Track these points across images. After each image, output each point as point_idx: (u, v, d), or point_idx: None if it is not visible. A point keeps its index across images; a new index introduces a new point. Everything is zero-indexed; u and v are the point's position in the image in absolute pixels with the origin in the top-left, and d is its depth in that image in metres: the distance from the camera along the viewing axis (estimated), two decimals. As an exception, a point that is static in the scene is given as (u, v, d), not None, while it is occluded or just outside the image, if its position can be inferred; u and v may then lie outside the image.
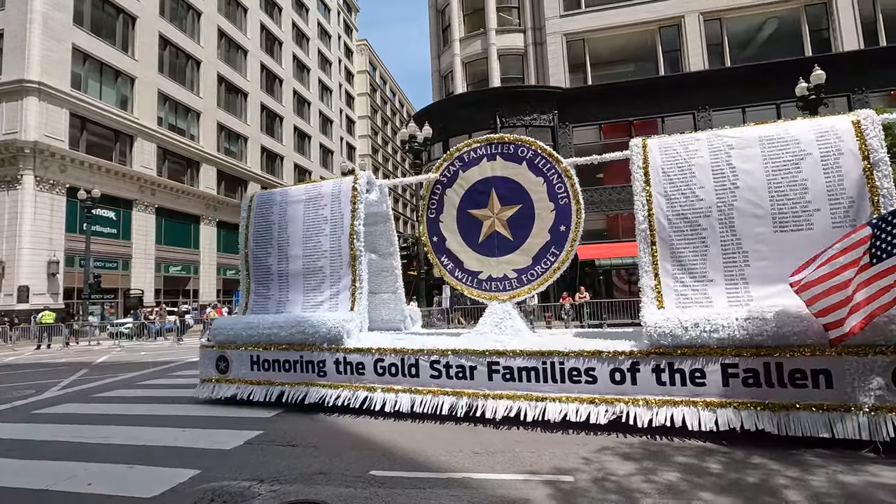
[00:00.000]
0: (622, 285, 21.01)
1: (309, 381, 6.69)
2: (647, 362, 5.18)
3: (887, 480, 3.70)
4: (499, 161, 7.34)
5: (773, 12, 21.48)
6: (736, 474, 3.93)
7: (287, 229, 7.68)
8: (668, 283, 5.56)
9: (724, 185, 5.55)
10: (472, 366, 5.94)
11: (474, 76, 25.35)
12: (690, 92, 20.78)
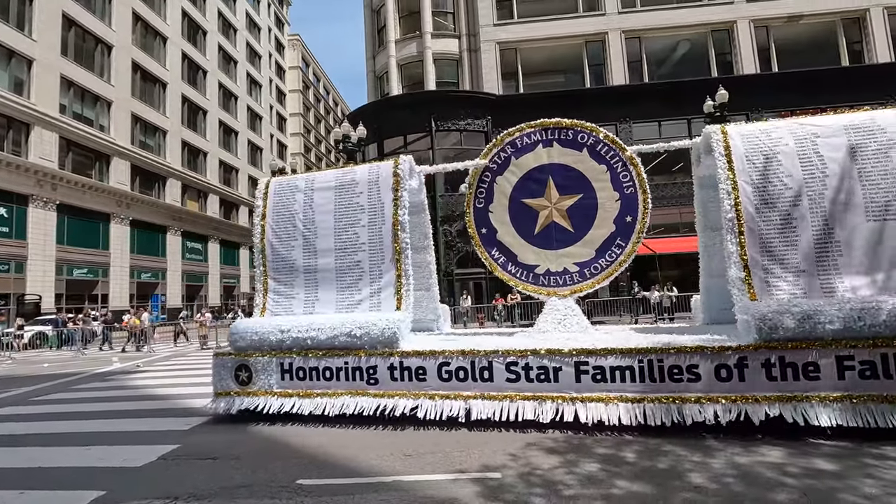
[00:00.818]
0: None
1: (357, 391, 5.89)
2: (756, 357, 4.88)
3: (773, 459, 4.14)
4: (556, 147, 7.00)
5: (685, 35, 23.38)
6: (649, 462, 4.23)
7: (315, 220, 6.88)
8: (758, 273, 5.34)
9: (812, 174, 5.44)
10: (557, 367, 5.43)
11: (410, 78, 25.37)
12: (614, 104, 22.09)
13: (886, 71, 20.69)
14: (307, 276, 6.79)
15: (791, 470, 3.90)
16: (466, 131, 22.58)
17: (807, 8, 22.09)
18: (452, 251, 21.88)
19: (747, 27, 22.33)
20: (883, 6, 21.74)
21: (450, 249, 21.92)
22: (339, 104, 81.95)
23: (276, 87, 57.73)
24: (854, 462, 3.99)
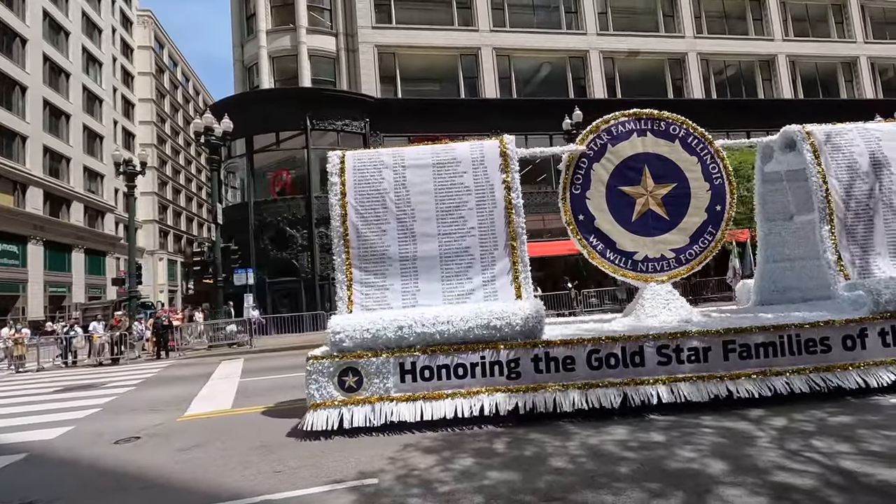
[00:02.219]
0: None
1: (494, 388, 5.41)
2: (875, 327, 5.58)
3: (619, 437, 4.71)
4: (650, 137, 7.08)
5: (547, 58, 25.77)
6: (517, 451, 4.53)
7: (411, 201, 6.18)
8: (846, 256, 6.27)
9: (881, 171, 6.57)
10: (707, 347, 5.53)
11: (283, 72, 24.08)
12: (487, 115, 23.42)
13: (699, 105, 25.03)
14: (403, 264, 6.15)
15: (632, 444, 4.47)
16: (344, 132, 22.12)
17: (643, 47, 25.79)
18: (329, 255, 21.22)
19: (598, 57, 25.33)
20: (696, 52, 26.27)
21: (326, 253, 21.22)
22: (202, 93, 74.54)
23: (121, 66, 50.49)
24: (677, 432, 4.71)
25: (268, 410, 7.00)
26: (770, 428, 4.67)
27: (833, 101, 26.74)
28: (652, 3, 27.01)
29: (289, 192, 22.22)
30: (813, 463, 3.79)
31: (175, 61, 66.01)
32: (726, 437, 4.50)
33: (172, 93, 63.54)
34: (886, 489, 3.29)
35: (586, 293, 19.79)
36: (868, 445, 4.06)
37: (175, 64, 65.97)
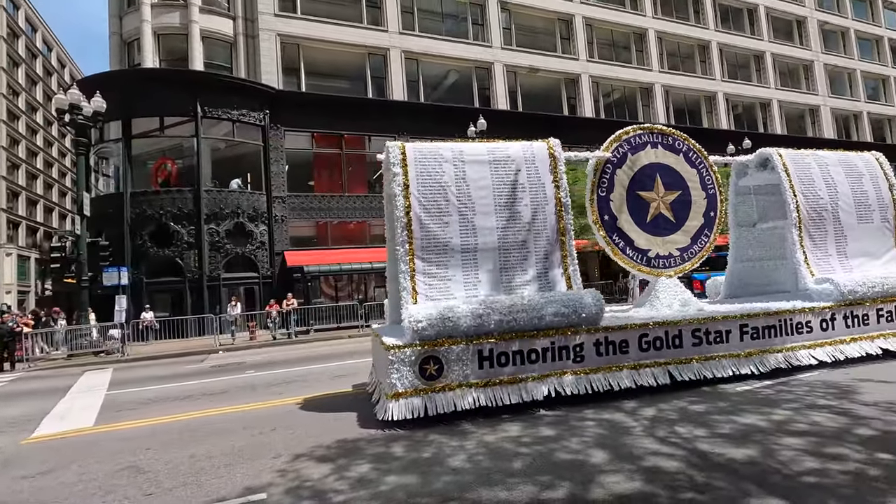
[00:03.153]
0: (329, 291, 21.67)
1: (561, 371, 5.87)
2: (840, 312, 7.20)
3: (513, 434, 4.90)
4: (660, 150, 8.01)
5: (454, 66, 26.36)
6: (416, 454, 4.51)
7: (471, 195, 6.44)
8: (811, 257, 7.84)
9: (832, 190, 8.35)
10: (728, 330, 6.55)
11: (170, 52, 21.89)
12: (394, 117, 23.32)
13: (590, 123, 27.19)
14: (465, 255, 6.34)
15: (525, 440, 4.67)
16: (240, 122, 20.67)
17: (542, 64, 27.45)
18: (220, 253, 19.66)
19: (501, 70, 26.46)
20: (589, 74, 28.58)
21: (216, 251, 19.65)
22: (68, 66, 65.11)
23: (-41, 25, 42.38)
24: (565, 426, 5.02)
25: (140, 427, 6.25)
26: (643, 418, 5.15)
27: (697, 128, 30.64)
28: (551, 25, 28.87)
29: (174, 183, 20.20)
30: (677, 447, 4.25)
31: (34, 26, 57.00)
32: (606, 428, 4.88)
33: (30, 63, 54.79)
34: (733, 465, 3.79)
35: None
36: (719, 429, 4.65)
37: (34, 29, 56.97)
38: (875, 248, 8.44)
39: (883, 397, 5.29)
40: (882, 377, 6.16)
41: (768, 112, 34.45)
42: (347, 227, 22.69)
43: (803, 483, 3.42)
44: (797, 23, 37.10)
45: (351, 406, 6.48)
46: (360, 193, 22.76)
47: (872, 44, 40.77)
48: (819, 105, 36.44)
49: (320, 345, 15.01)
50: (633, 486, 3.53)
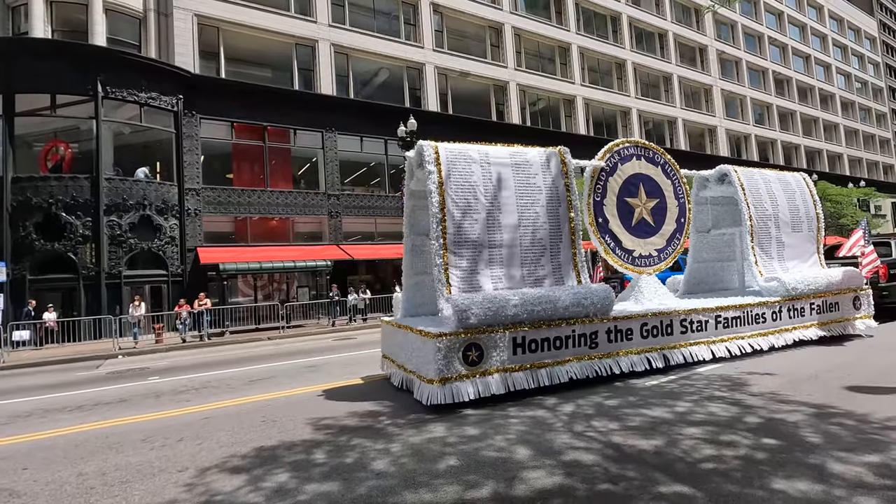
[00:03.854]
0: (248, 291, 20.52)
1: (578, 356, 6.59)
2: (785, 306, 8.57)
3: (438, 434, 4.88)
4: (643, 161, 8.91)
5: (385, 64, 26.08)
6: (338, 459, 4.34)
7: (497, 195, 6.92)
8: (760, 260, 9.15)
9: (774, 203, 9.73)
10: (706, 320, 7.69)
11: (66, 22, 19.60)
12: (322, 111, 22.59)
13: (517, 130, 28.11)
14: (491, 251, 6.78)
15: (451, 440, 4.67)
16: (149, 106, 18.97)
17: (472, 69, 27.94)
18: (122, 248, 17.89)
19: (433, 71, 26.58)
20: (516, 82, 29.53)
21: (118, 246, 17.87)
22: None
23: None
24: (490, 425, 5.09)
25: (16, 443, 5.48)
26: (562, 414, 5.36)
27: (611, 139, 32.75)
28: (482, 32, 29.50)
29: (67, 169, 18.09)
30: (594, 441, 4.45)
31: None
32: (529, 425, 5.02)
33: None
34: (643, 456, 4.03)
35: (414, 296, 20.45)
36: (630, 422, 4.95)
37: None
38: (803, 253, 9.96)
39: (767, 388, 5.91)
40: (766, 370, 6.89)
41: (674, 129, 37.66)
42: (269, 223, 21.62)
43: (703, 469, 3.72)
44: (700, 50, 40.94)
45: (272, 412, 6.15)
46: (285, 189, 21.78)
47: (760, 74, 46.02)
48: (716, 125, 40.45)
49: (236, 348, 14.15)
50: (554, 481, 3.64)
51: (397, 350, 7.10)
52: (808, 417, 4.76)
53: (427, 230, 7.52)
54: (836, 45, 56.67)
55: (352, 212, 23.06)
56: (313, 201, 22.16)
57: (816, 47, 53.44)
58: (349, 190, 23.78)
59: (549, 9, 32.30)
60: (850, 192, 37.36)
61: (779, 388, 5.87)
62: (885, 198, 53.96)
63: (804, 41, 51.78)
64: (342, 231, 22.64)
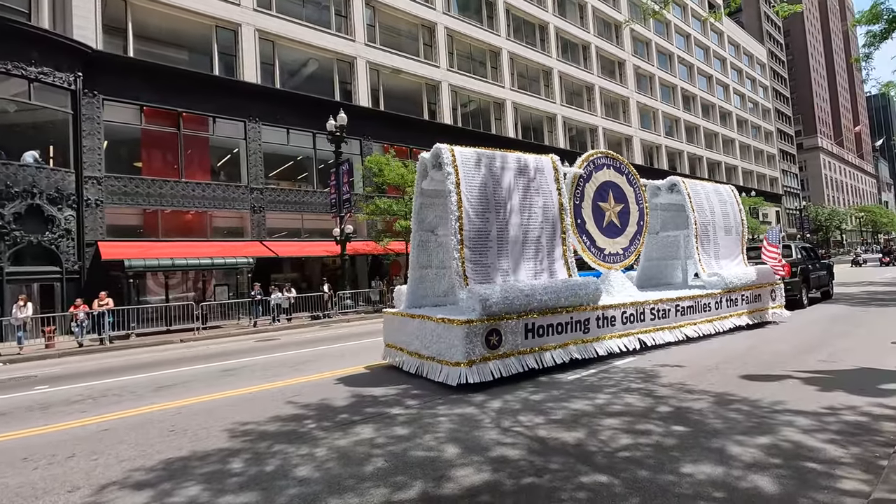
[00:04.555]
0: (158, 289, 18.92)
1: (575, 340, 7.49)
2: (727, 297, 10.25)
3: (366, 436, 4.75)
4: (611, 171, 10.01)
5: (314, 55, 25.16)
6: (257, 468, 4.08)
7: (502, 195, 7.59)
8: (703, 259, 10.75)
9: (712, 210, 11.33)
10: (669, 308, 9.02)
11: (-66, -21, 16.91)
12: (245, 99, 21.33)
13: (449, 130, 28.37)
14: (500, 246, 7.42)
15: (379, 441, 4.56)
16: (41, 82, 16.88)
17: (405, 67, 27.76)
18: (4, 241, 15.77)
19: (364, 66, 26.08)
20: (448, 83, 29.76)
21: (2, 241, 15.72)
22: None
23: None
24: (419, 424, 5.04)
25: None
26: (490, 410, 5.43)
27: (539, 145, 34.04)
28: (415, 30, 29.40)
29: (-66, 149, 15.62)
30: (520, 435, 4.55)
31: None
32: (458, 423, 5.03)
33: None
34: (566, 448, 4.18)
35: (342, 295, 19.91)
36: (554, 415, 5.12)
37: None
38: (732, 253, 11.68)
39: (676, 379, 6.38)
40: (675, 362, 7.45)
41: (595, 137, 39.86)
42: (184, 217, 20.08)
43: (620, 458, 3.91)
44: (618, 64, 43.66)
45: (183, 421, 5.67)
46: (202, 180, 20.32)
47: (670, 90, 49.97)
48: (632, 135, 43.36)
49: (143, 352, 12.98)
50: (482, 478, 3.66)
51: (410, 339, 7.50)
52: (711, 405, 5.19)
53: (433, 227, 8.54)
54: (733, 69, 62.97)
55: (277, 207, 22.01)
56: (234, 195, 20.89)
57: (717, 69, 59.01)
58: (274, 184, 22.69)
59: (482, 12, 32.88)
60: (744, 201, 41.68)
61: (686, 379, 6.36)
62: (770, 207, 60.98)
63: (707, 62, 56.97)
64: (266, 227, 21.54)
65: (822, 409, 4.87)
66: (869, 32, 19.70)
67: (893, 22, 18.57)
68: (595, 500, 3.24)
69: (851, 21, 21.86)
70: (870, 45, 20.15)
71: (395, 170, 21.62)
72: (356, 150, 24.81)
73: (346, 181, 20.09)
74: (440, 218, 8.52)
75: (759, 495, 3.19)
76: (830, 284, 16.25)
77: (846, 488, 3.23)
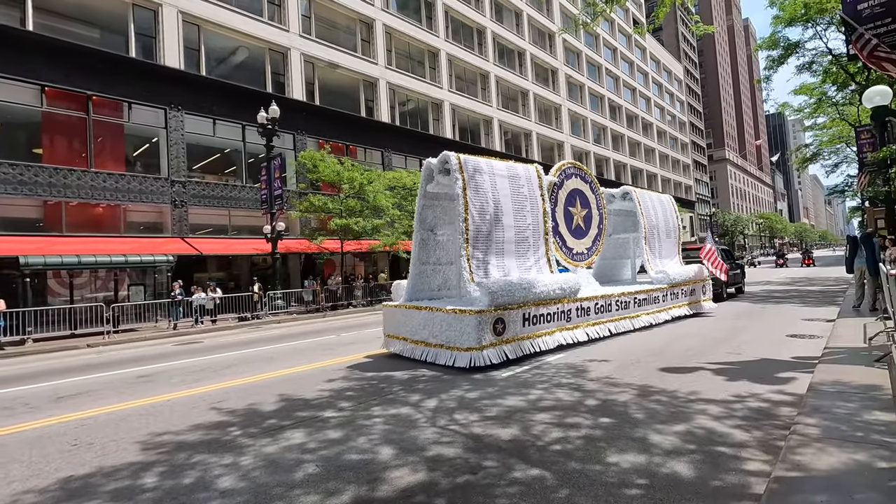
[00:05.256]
0: (61, 290, 17.11)
1: (560, 328, 8.66)
2: (671, 291, 12.02)
3: (297, 441, 4.55)
4: (578, 179, 11.39)
5: (245, 43, 23.90)
6: (173, 481, 3.77)
7: (500, 200, 8.57)
8: (651, 258, 12.40)
9: (657, 216, 13.20)
10: (629, 301, 10.58)
11: None
12: (165, 85, 19.81)
13: (382, 127, 28.09)
14: (497, 245, 8.47)
15: (311, 446, 4.38)
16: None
17: (342, 61, 27.12)
18: None
19: (298, 58, 25.16)
20: (386, 81, 29.46)
21: None
22: None
23: None
24: (353, 427, 4.91)
25: None
26: (426, 409, 5.40)
27: (476, 146, 34.56)
28: (352, 25, 28.78)
29: None
30: (456, 434, 4.55)
31: None
32: (393, 423, 4.95)
33: None
34: (500, 444, 4.24)
35: (273, 295, 19.07)
36: (489, 412, 5.18)
37: None
38: (672, 254, 13.72)
39: (603, 374, 6.70)
40: (602, 357, 7.82)
41: (529, 141, 41.13)
42: (93, 210, 18.31)
43: (552, 451, 4.03)
44: (551, 72, 45.36)
45: (88, 433, 5.14)
46: (115, 170, 18.63)
47: (598, 100, 52.66)
48: (564, 141, 45.21)
49: (41, 358, 11.67)
50: (418, 478, 3.62)
51: (415, 329, 8.26)
52: (634, 397, 5.49)
53: (432, 226, 9.59)
54: (654, 83, 67.52)
55: (201, 202, 20.65)
56: (153, 187, 19.34)
57: (640, 82, 63.00)
58: (198, 177, 21.29)
59: (420, 12, 32.84)
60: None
61: (612, 373, 6.69)
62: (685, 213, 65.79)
63: (632, 76, 60.65)
64: (188, 223, 20.14)
65: (730, 397, 5.30)
66: (769, 57, 21.92)
67: (789, 49, 20.78)
68: (528, 493, 3.30)
69: (754, 46, 24.18)
70: (769, 69, 22.41)
71: (331, 166, 21.02)
72: (289, 145, 23.88)
73: (277, 176, 19.25)
74: (438, 218, 9.64)
75: (677, 480, 3.40)
76: (743, 282, 18.90)
77: (751, 469, 3.52)
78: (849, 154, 27.95)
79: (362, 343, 10.76)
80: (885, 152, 14.87)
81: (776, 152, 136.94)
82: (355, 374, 7.41)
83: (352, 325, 15.12)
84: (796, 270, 34.16)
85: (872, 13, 7.65)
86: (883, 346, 6.45)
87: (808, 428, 3.80)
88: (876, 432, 3.64)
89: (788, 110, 25.95)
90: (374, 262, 27.71)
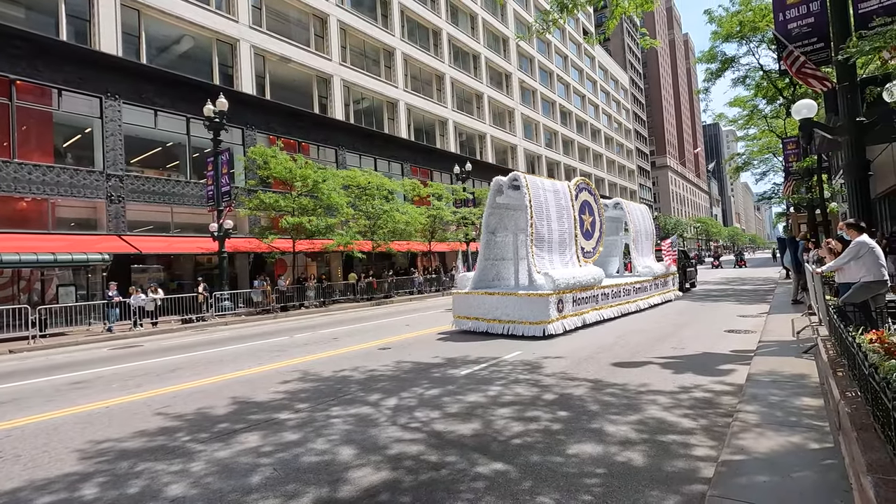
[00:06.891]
0: (-21, 291, 15.62)
1: (592, 308, 11.41)
2: (657, 281, 15.66)
3: (251, 445, 4.37)
4: (587, 193, 13.75)
5: (190, 31, 22.76)
6: (116, 491, 3.54)
7: (550, 210, 11.43)
8: (639, 256, 16.28)
9: (641, 223, 17.22)
10: (631, 288, 13.69)
11: None
12: (101, 73, 18.51)
13: (336, 125, 27.61)
14: (549, 245, 11.29)
15: (266, 450, 4.22)
16: None
17: (294, 56, 26.40)
18: None
19: (248, 51, 24.25)
20: (341, 78, 28.95)
21: None
22: None
23: None
24: (311, 428, 4.78)
25: None
26: (386, 408, 5.35)
27: (432, 147, 34.61)
28: (305, 19, 28.06)
29: None
30: (417, 431, 4.53)
31: None
32: (353, 423, 4.86)
33: None
34: (462, 440, 4.26)
35: (219, 296, 18.25)
36: (450, 409, 5.20)
37: None
38: (650, 253, 17.25)
39: (558, 369, 6.88)
40: (556, 354, 8.03)
41: (484, 143, 41.65)
42: (16, 204, 16.84)
43: (513, 445, 4.09)
44: (505, 76, 46.16)
45: (15, 445, 4.72)
46: (42, 162, 17.21)
47: (550, 105, 54.11)
48: (517, 144, 46.11)
49: (-44, 366, 10.58)
50: (381, 477, 3.57)
51: (488, 310, 10.76)
52: (589, 390, 5.67)
53: (493, 230, 12.50)
54: (602, 91, 70.21)
55: (140, 197, 19.44)
56: (86, 181, 18.02)
57: (589, 90, 65.32)
58: (137, 171, 20.03)
59: (376, 10, 32.50)
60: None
61: (567, 368, 6.89)
62: (630, 216, 68.02)
63: (581, 83, 62.77)
64: (126, 219, 18.91)
65: (677, 388, 5.59)
66: (707, 70, 23.33)
67: (725, 62, 22.21)
68: (492, 487, 3.33)
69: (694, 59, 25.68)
70: (708, 80, 23.85)
71: (283, 163, 20.36)
72: (238, 140, 22.96)
73: (225, 172, 18.43)
74: (498, 224, 12.59)
75: (632, 467, 3.54)
76: (696, 278, 22.78)
77: (699, 454, 3.73)
78: (776, 163, 30.22)
79: (316, 344, 10.51)
80: (808, 162, 16.21)
81: (713, 160, 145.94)
82: (311, 376, 7.22)
83: (304, 326, 14.74)
84: (730, 271, 36.48)
85: (801, 32, 8.31)
86: (809, 338, 7.01)
87: (749, 415, 4.07)
88: (807, 417, 3.95)
89: (724, 121, 27.74)
90: (326, 262, 27.13)
